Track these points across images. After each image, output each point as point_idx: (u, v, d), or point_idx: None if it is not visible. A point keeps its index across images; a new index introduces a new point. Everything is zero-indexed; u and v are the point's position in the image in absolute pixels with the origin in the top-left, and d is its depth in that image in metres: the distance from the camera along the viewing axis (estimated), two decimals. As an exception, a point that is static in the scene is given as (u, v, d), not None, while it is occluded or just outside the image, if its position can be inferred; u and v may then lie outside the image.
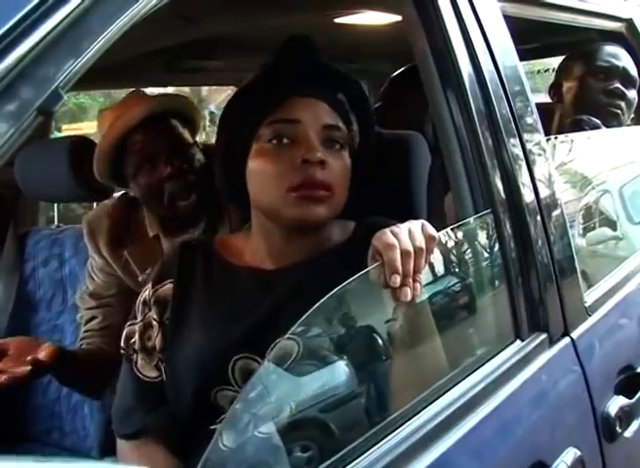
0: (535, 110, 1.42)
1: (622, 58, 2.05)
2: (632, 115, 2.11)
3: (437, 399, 1.05)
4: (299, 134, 1.15)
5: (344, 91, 1.22)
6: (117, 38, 0.75)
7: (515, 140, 1.33)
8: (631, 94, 2.04)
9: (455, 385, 1.09)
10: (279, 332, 1.07)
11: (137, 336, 1.26)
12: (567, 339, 1.33)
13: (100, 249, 1.77)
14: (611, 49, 2.07)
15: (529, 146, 1.35)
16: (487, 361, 1.17)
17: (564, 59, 2.16)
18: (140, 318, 1.27)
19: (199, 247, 1.30)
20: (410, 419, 0.99)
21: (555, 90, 2.12)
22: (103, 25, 0.74)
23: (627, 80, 2.03)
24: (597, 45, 2.09)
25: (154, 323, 1.25)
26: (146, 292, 1.28)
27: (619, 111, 2.00)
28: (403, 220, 1.10)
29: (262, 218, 1.21)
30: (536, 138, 1.39)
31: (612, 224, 1.96)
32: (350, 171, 1.20)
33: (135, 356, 1.26)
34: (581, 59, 2.07)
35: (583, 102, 2.02)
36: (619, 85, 2.01)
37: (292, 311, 1.08)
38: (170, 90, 3.08)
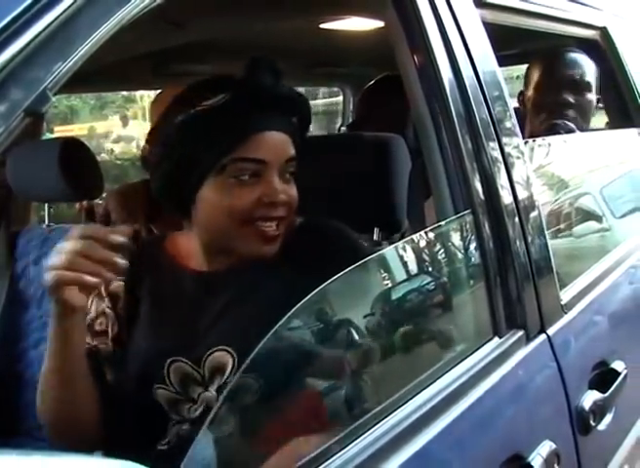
0: (513, 114, 1.44)
1: (576, 67, 2.05)
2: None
3: (418, 393, 1.06)
4: (262, 173, 1.15)
5: (297, 113, 1.22)
6: (105, 41, 0.76)
7: (494, 144, 1.35)
8: (586, 98, 2.05)
9: (435, 381, 1.10)
10: (214, 338, 1.15)
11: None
12: (543, 336, 1.35)
13: (132, 218, 1.84)
14: (567, 57, 2.07)
15: (507, 149, 1.37)
16: (466, 357, 1.19)
17: (527, 69, 2.18)
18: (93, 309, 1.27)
19: (152, 245, 1.32)
20: (392, 412, 1.01)
21: (522, 98, 2.13)
22: (92, 28, 0.75)
23: (580, 87, 2.04)
24: (553, 54, 2.10)
25: (108, 311, 1.26)
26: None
27: (570, 123, 2.00)
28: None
29: (203, 233, 1.22)
30: (514, 142, 1.41)
31: (587, 226, 1.99)
32: None
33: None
34: (537, 70, 2.09)
35: (540, 112, 2.04)
36: (568, 95, 2.01)
37: (230, 316, 1.14)
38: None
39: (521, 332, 1.30)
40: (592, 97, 2.06)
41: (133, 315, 1.25)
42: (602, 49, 2.19)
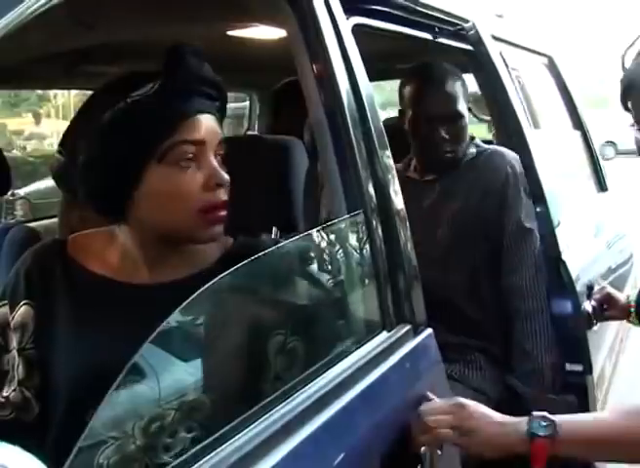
0: None
1: (447, 100, 1.99)
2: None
3: (308, 384, 1.10)
4: (201, 156, 1.12)
5: (220, 98, 1.20)
6: (10, 37, 0.75)
7: (388, 151, 1.42)
8: (459, 126, 2.02)
9: (323, 373, 1.14)
10: None
11: None
12: (429, 330, 1.42)
13: None
14: (437, 89, 2.00)
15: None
16: (354, 350, 1.23)
17: (400, 86, 2.10)
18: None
19: (53, 253, 1.22)
20: (283, 402, 1.04)
21: (403, 117, 2.08)
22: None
23: (453, 119, 2.01)
24: (424, 80, 2.03)
25: (13, 351, 1.17)
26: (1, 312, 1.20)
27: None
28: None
29: (144, 230, 1.16)
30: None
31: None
32: None
33: None
34: (410, 96, 2.04)
35: (421, 142, 2.05)
36: (442, 131, 1.99)
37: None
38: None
39: (408, 326, 1.36)
40: (465, 122, 2.03)
41: (49, 343, 1.17)
42: (549, 72, 2.70)
